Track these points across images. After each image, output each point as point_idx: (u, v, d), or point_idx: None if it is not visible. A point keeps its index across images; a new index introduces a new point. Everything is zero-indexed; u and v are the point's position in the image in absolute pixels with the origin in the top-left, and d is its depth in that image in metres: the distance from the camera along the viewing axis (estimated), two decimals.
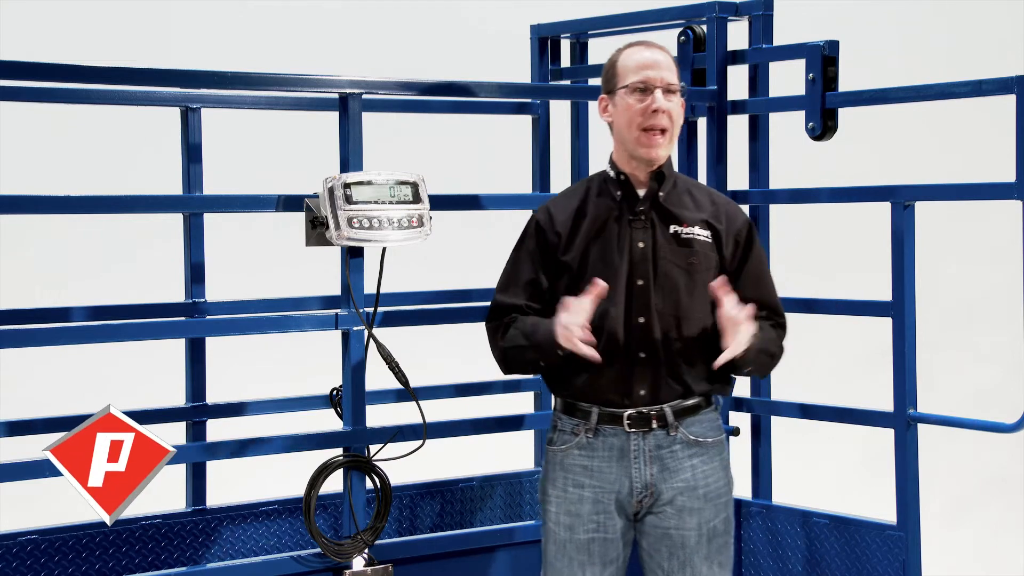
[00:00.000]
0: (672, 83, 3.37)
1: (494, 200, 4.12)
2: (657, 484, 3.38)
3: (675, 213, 3.41)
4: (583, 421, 3.41)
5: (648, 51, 3.41)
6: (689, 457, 3.39)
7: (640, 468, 3.38)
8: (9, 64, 3.48)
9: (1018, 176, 3.62)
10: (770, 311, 3.46)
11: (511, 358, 3.43)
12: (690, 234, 3.40)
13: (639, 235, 3.40)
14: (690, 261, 3.39)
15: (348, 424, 3.75)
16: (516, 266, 3.47)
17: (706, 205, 3.45)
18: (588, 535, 3.40)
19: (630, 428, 3.37)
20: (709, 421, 3.43)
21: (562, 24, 4.66)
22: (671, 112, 3.37)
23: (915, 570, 3.88)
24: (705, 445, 3.41)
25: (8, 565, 3.97)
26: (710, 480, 3.41)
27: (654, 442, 3.38)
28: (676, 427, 3.38)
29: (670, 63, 3.41)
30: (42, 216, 4.75)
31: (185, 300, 4.32)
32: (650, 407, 3.37)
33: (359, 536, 3.71)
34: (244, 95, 4.38)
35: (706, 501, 3.39)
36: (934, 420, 3.91)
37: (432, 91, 4.02)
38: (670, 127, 3.37)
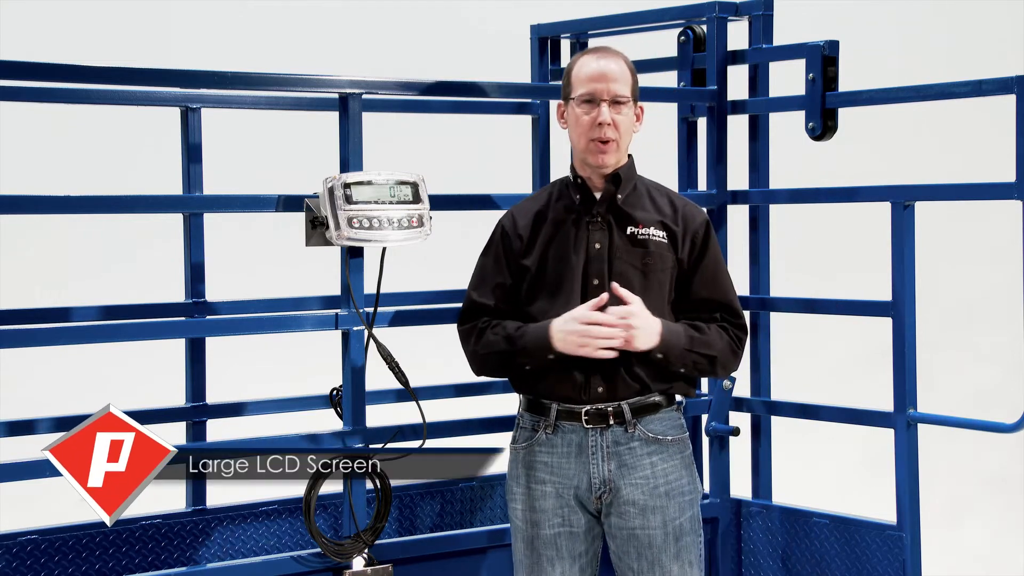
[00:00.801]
0: (620, 94, 3.42)
1: (494, 200, 4.12)
2: (615, 480, 3.41)
3: (631, 215, 3.46)
4: (543, 418, 3.47)
5: (599, 61, 3.44)
6: (648, 455, 3.42)
7: (598, 464, 3.41)
8: (9, 64, 3.48)
9: (1018, 176, 3.62)
10: (724, 311, 3.48)
11: (489, 363, 3.51)
12: (645, 235, 3.45)
13: (596, 236, 3.46)
14: (645, 261, 3.43)
15: (348, 424, 3.75)
16: (484, 270, 3.56)
17: (664, 207, 3.49)
18: (554, 530, 3.45)
19: (588, 424, 3.42)
20: (670, 420, 3.46)
21: (562, 24, 4.66)
22: (617, 123, 3.42)
23: (915, 570, 3.88)
24: (664, 443, 3.44)
25: (8, 565, 3.97)
26: (671, 477, 3.43)
27: (612, 438, 3.41)
28: (634, 424, 3.42)
29: (622, 72, 3.43)
30: (42, 216, 4.74)
31: (185, 300, 4.32)
32: (607, 403, 3.41)
33: (359, 536, 3.71)
34: (244, 95, 4.38)
35: (668, 499, 3.42)
36: (934, 420, 3.91)
37: (432, 91, 4.02)
38: (617, 138, 3.43)
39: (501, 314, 3.51)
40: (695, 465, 3.53)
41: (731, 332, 3.48)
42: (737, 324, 3.49)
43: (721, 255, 3.55)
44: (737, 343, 3.48)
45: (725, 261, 3.54)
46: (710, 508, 4.24)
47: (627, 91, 3.43)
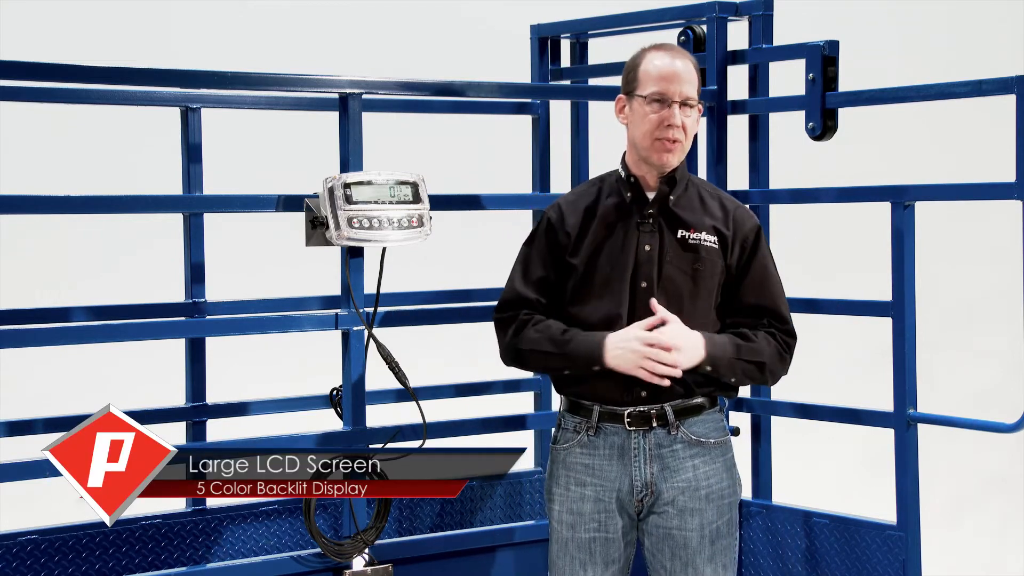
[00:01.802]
0: (691, 96, 3.39)
1: (494, 200, 4.12)
2: (657, 483, 3.38)
3: (683, 218, 3.43)
4: (585, 419, 3.43)
5: (671, 59, 3.40)
6: (691, 457, 3.39)
7: (640, 467, 3.39)
8: (9, 64, 3.48)
9: (1018, 176, 3.62)
10: (771, 317, 3.44)
11: (529, 359, 3.45)
12: (697, 239, 3.41)
13: (646, 238, 3.41)
14: (695, 267, 3.40)
15: (348, 424, 3.75)
16: (527, 262, 3.50)
17: (716, 210, 3.45)
18: (590, 534, 3.42)
19: (631, 426, 3.38)
20: (712, 422, 3.43)
21: (562, 24, 4.66)
22: (685, 126, 3.39)
23: (915, 570, 3.88)
24: (707, 445, 3.41)
25: (8, 565, 3.97)
26: (712, 481, 3.41)
27: (655, 441, 3.38)
28: (677, 426, 3.38)
29: (692, 74, 3.40)
30: (42, 216, 4.75)
31: (185, 300, 4.32)
32: (651, 406, 3.38)
33: (359, 536, 3.71)
34: (244, 95, 4.38)
35: (708, 502, 3.39)
36: (934, 420, 3.91)
37: (432, 91, 4.02)
38: (683, 139, 3.40)
39: (542, 308, 3.45)
40: (736, 468, 3.50)
41: (779, 338, 3.43)
42: (785, 330, 3.45)
43: (771, 261, 3.49)
44: (785, 348, 3.44)
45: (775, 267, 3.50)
46: None
47: (695, 93, 3.40)
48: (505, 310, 3.49)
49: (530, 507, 4.75)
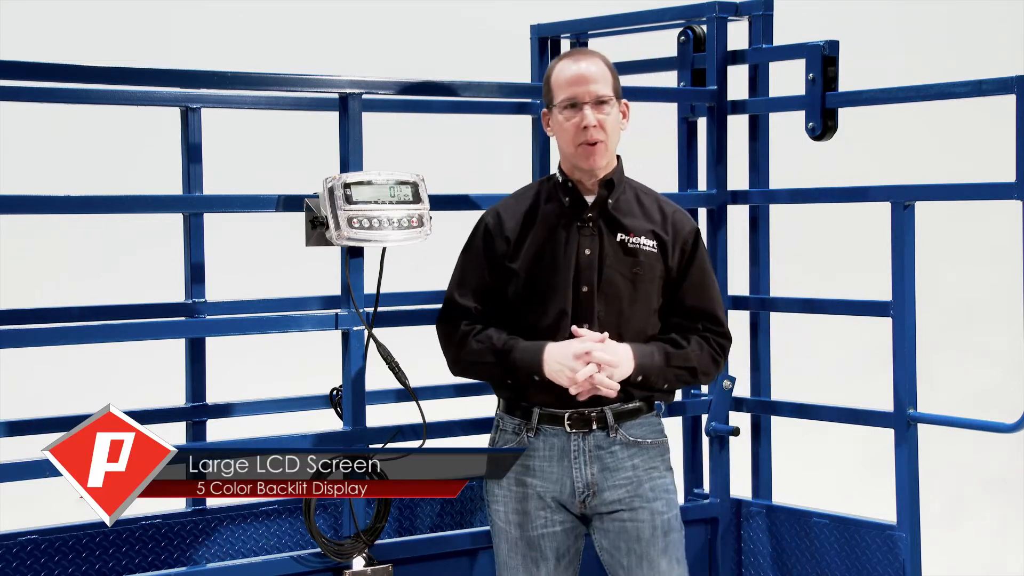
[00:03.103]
0: (602, 95, 3.40)
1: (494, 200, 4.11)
2: (599, 483, 3.42)
3: (622, 222, 3.45)
4: (525, 421, 3.47)
5: (576, 64, 3.43)
6: (629, 457, 3.44)
7: (581, 468, 3.43)
8: (9, 64, 3.48)
9: (1018, 176, 3.62)
10: (707, 320, 3.49)
11: (471, 370, 3.52)
12: (636, 244, 3.44)
13: (586, 242, 3.44)
14: (634, 271, 3.43)
15: (348, 424, 3.75)
16: (465, 270, 3.55)
17: (654, 214, 3.49)
18: (538, 531, 3.47)
19: (571, 428, 3.42)
20: (649, 424, 3.48)
21: (562, 24, 4.66)
22: (603, 124, 3.40)
23: (915, 570, 3.88)
24: (644, 446, 3.46)
25: (8, 565, 3.97)
26: (653, 475, 3.46)
27: (594, 442, 3.42)
28: (616, 428, 3.43)
29: (601, 72, 3.41)
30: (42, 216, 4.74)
31: (185, 300, 4.32)
32: (591, 408, 3.41)
33: (359, 536, 3.71)
34: (244, 95, 4.38)
35: (655, 494, 3.44)
36: (934, 420, 3.91)
37: (432, 91, 4.02)
38: (604, 138, 3.41)
39: (482, 317, 3.50)
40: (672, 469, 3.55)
41: (712, 341, 3.49)
42: (719, 332, 3.50)
43: (709, 264, 3.55)
44: (719, 351, 3.50)
45: (715, 267, 3.56)
46: (710, 508, 4.24)
47: (608, 90, 3.41)
48: (446, 321, 3.54)
49: None
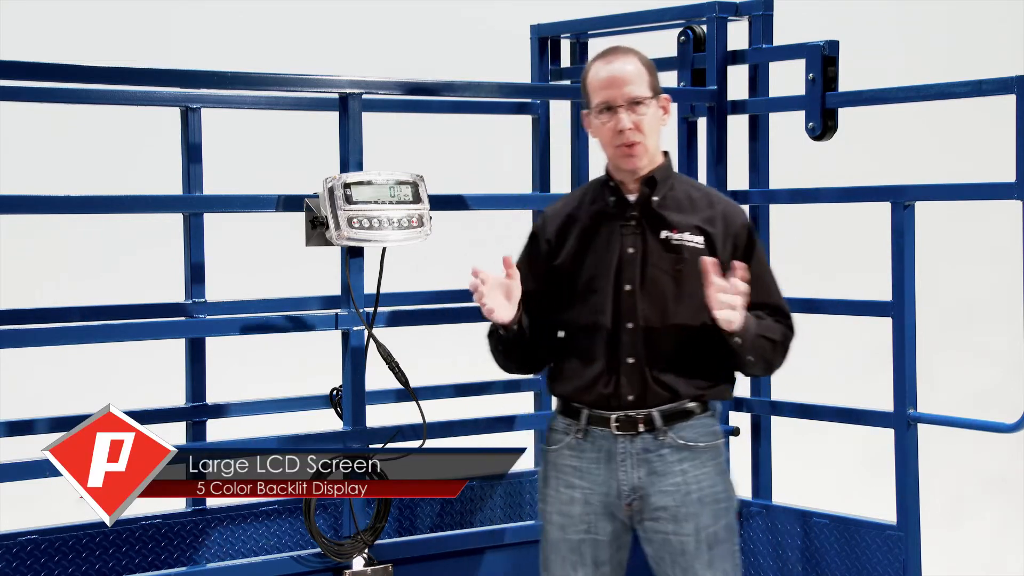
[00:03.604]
0: (636, 95, 3.36)
1: (494, 200, 4.12)
2: (645, 488, 3.36)
3: (667, 218, 3.40)
4: (575, 422, 3.43)
5: (609, 65, 3.39)
6: (679, 462, 3.36)
7: (627, 471, 3.37)
8: (9, 64, 3.48)
9: (1018, 176, 3.62)
10: (775, 314, 3.41)
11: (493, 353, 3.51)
12: (680, 240, 3.38)
13: (629, 240, 3.40)
14: (677, 267, 3.36)
15: (348, 424, 3.75)
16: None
17: (703, 208, 3.42)
18: (579, 536, 3.42)
19: (618, 431, 3.37)
20: (703, 426, 3.40)
21: (562, 24, 4.66)
22: (639, 124, 3.36)
23: (915, 570, 3.88)
24: (696, 450, 3.37)
25: (8, 565, 3.97)
26: (703, 484, 3.37)
27: (641, 445, 3.37)
28: (665, 431, 3.36)
29: (636, 72, 3.37)
30: (42, 216, 4.75)
31: (185, 300, 4.32)
32: (638, 411, 3.37)
33: (359, 536, 3.71)
34: (244, 95, 4.38)
35: (702, 506, 3.36)
36: (934, 420, 3.91)
37: (432, 91, 4.02)
38: (642, 139, 3.37)
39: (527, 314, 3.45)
40: (729, 472, 3.46)
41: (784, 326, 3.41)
42: (788, 325, 3.42)
43: (765, 256, 3.46)
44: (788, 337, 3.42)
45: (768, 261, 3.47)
46: None
47: (643, 90, 3.36)
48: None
49: (530, 507, 4.75)
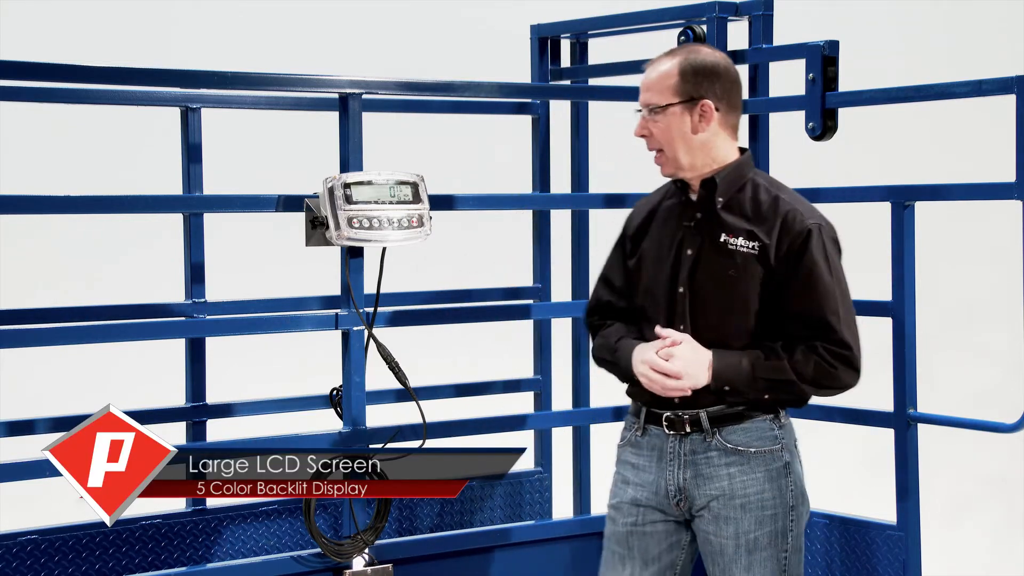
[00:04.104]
0: (651, 103, 3.34)
1: (494, 200, 4.12)
2: (690, 489, 3.34)
3: (727, 222, 3.33)
4: (636, 419, 3.43)
5: (646, 70, 3.39)
6: (726, 465, 3.32)
7: (674, 471, 3.35)
8: (9, 64, 3.48)
9: (1018, 176, 3.62)
10: (815, 328, 3.25)
11: (602, 365, 3.51)
12: (734, 245, 3.31)
13: (689, 242, 3.36)
14: (728, 273, 3.30)
15: (348, 424, 3.75)
16: (607, 263, 3.55)
17: (766, 214, 3.32)
18: (626, 528, 3.40)
19: (668, 430, 3.35)
20: (756, 430, 3.32)
21: (562, 24, 4.66)
22: (654, 132, 3.35)
23: (915, 570, 3.88)
24: (746, 455, 3.32)
25: (8, 565, 3.97)
26: (750, 491, 3.31)
27: (690, 447, 3.34)
28: (713, 433, 3.32)
29: (658, 79, 3.34)
30: (42, 216, 4.75)
31: (185, 300, 4.32)
32: (686, 411, 3.33)
33: (359, 536, 3.71)
34: (244, 95, 4.38)
35: (744, 511, 3.31)
36: (934, 420, 3.91)
37: (432, 91, 4.02)
38: (660, 146, 3.36)
39: (614, 310, 3.48)
40: (789, 478, 3.35)
41: (821, 350, 3.24)
42: (833, 340, 3.25)
43: (826, 267, 3.28)
44: (833, 361, 3.25)
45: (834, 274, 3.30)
46: None
47: (660, 98, 3.33)
48: (587, 314, 3.56)
49: (530, 507, 4.75)
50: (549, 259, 4.66)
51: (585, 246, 4.63)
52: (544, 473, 4.77)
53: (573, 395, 4.68)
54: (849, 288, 3.34)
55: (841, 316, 3.27)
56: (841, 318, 3.27)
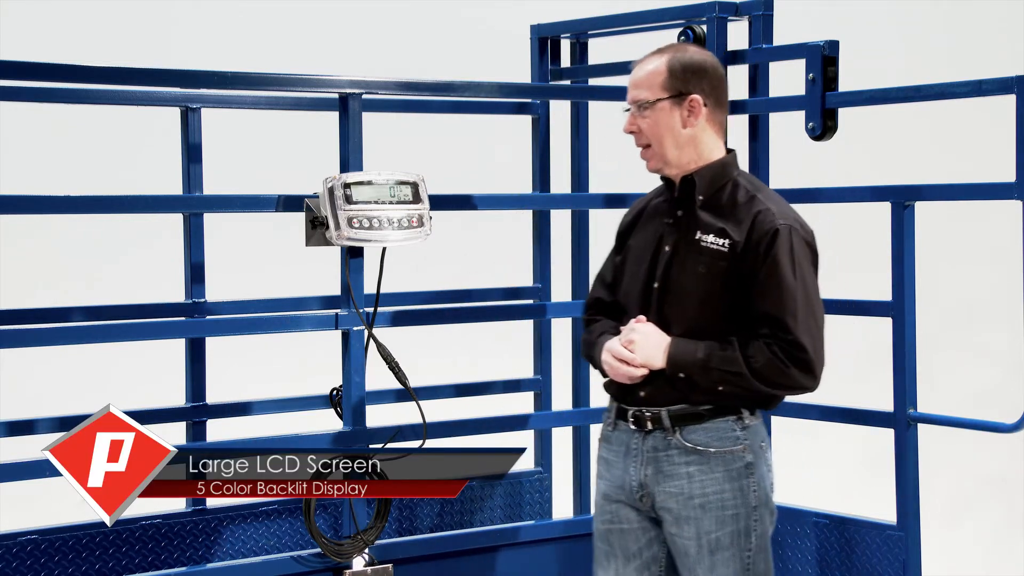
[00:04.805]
0: (638, 99, 3.38)
1: (494, 200, 4.12)
2: (651, 486, 3.37)
3: (702, 219, 3.37)
4: (608, 415, 3.47)
5: (634, 68, 3.43)
6: (686, 464, 3.34)
7: (637, 467, 3.38)
8: (9, 64, 3.48)
9: (1018, 176, 3.62)
10: (772, 326, 3.27)
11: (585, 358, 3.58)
12: (707, 243, 3.35)
13: (668, 238, 3.40)
14: (699, 270, 3.34)
15: (348, 424, 3.75)
16: (605, 261, 3.59)
17: (741, 212, 3.35)
18: (605, 525, 3.45)
19: (633, 427, 3.39)
20: (718, 431, 3.34)
21: (562, 24, 4.66)
22: (642, 128, 3.38)
23: (915, 570, 3.88)
24: (706, 455, 3.33)
25: (8, 565, 3.97)
26: (708, 490, 3.33)
27: (652, 444, 3.37)
28: (674, 432, 3.35)
29: (646, 75, 3.38)
30: (42, 216, 4.75)
31: (185, 300, 4.32)
32: (649, 408, 3.37)
33: (359, 536, 3.72)
34: (244, 95, 4.38)
35: (704, 511, 3.33)
36: (934, 420, 3.91)
37: (432, 91, 4.02)
38: (648, 142, 3.39)
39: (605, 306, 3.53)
40: (751, 479, 3.34)
41: (777, 347, 3.25)
42: (787, 341, 3.25)
43: (790, 268, 3.28)
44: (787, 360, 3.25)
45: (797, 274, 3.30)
46: None
47: (647, 94, 3.36)
48: (584, 311, 3.60)
49: (530, 507, 4.75)
50: (549, 259, 4.66)
51: (585, 246, 4.64)
52: (544, 473, 4.77)
53: (573, 395, 4.68)
54: (818, 292, 3.34)
55: (799, 318, 3.28)
56: (799, 320, 3.27)
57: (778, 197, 3.43)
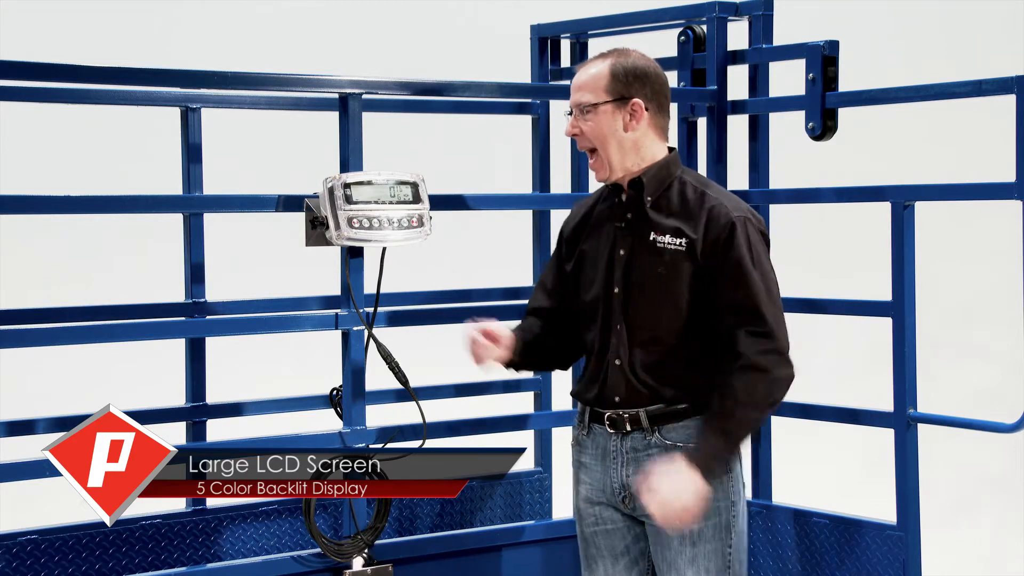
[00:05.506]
0: (582, 102, 3.38)
1: (494, 200, 4.12)
2: (633, 486, 3.38)
3: (655, 220, 3.38)
4: (581, 420, 3.48)
5: (577, 72, 3.44)
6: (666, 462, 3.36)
7: (618, 469, 3.40)
8: (9, 64, 3.48)
9: (1018, 176, 3.62)
10: (745, 314, 3.28)
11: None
12: (663, 243, 3.36)
13: (622, 243, 3.41)
14: (659, 271, 3.35)
15: (348, 424, 3.75)
16: (547, 266, 3.60)
17: (693, 209, 3.36)
18: (590, 529, 3.47)
19: (610, 429, 3.40)
20: (695, 428, 3.36)
21: (562, 24, 4.66)
22: (585, 131, 3.39)
23: (915, 570, 3.89)
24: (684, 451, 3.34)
25: (8, 565, 3.97)
26: None
27: (631, 444, 3.39)
28: (653, 431, 3.37)
29: (590, 78, 3.38)
30: (42, 216, 4.75)
31: (185, 300, 4.32)
32: (626, 410, 3.38)
33: (359, 536, 3.72)
34: (244, 95, 4.38)
35: None
36: (934, 420, 3.91)
37: (432, 91, 4.02)
38: (592, 146, 3.39)
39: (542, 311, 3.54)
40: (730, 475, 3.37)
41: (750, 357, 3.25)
42: (759, 332, 3.27)
43: (752, 259, 3.31)
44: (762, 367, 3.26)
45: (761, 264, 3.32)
46: None
47: (590, 97, 3.36)
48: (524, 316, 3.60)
49: (530, 507, 4.75)
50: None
51: None
52: (544, 473, 4.77)
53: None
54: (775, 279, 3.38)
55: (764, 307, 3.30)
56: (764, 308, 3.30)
57: (725, 191, 3.48)
